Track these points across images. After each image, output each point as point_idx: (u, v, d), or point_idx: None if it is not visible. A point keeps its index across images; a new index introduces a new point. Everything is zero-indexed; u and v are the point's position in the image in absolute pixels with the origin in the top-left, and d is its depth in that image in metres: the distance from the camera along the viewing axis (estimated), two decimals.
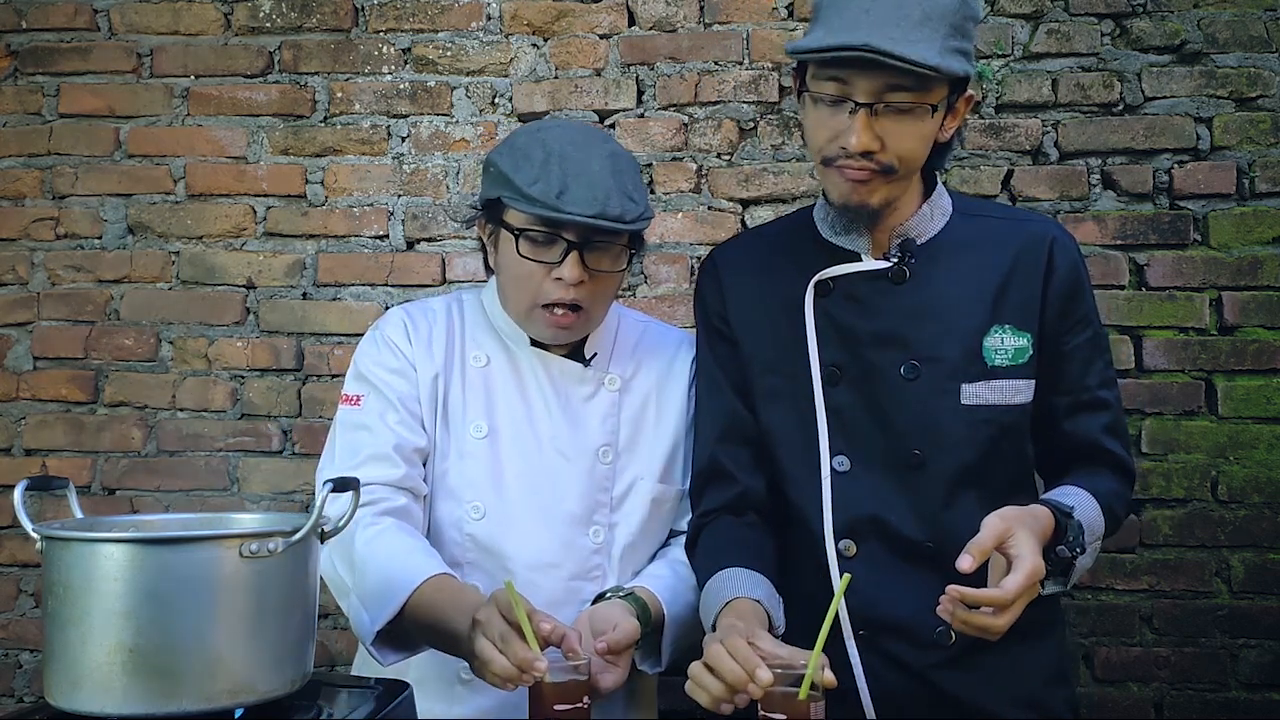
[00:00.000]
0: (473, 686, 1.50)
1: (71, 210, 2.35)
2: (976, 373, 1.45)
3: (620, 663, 1.40)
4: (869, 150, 1.36)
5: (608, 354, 1.65)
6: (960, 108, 1.44)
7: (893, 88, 1.34)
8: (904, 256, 1.47)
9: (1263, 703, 2.08)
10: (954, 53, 1.34)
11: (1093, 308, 1.53)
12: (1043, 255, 1.47)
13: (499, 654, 1.26)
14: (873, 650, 1.44)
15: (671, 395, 1.65)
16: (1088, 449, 1.51)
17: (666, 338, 1.73)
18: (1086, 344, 1.50)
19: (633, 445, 1.61)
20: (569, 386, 1.60)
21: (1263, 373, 2.14)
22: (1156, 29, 2.20)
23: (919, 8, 1.32)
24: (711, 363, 1.60)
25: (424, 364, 1.58)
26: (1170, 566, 2.12)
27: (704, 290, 1.63)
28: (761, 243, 1.65)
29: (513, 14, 2.31)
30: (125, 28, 2.37)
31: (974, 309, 1.45)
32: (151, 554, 1.06)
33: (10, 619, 2.29)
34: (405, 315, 1.63)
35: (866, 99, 1.34)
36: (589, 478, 1.57)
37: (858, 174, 1.39)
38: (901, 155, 1.38)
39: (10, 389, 2.32)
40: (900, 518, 1.44)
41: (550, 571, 1.51)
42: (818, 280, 1.50)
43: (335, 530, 1.21)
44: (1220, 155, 2.18)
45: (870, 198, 1.41)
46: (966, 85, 1.41)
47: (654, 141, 2.27)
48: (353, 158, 2.32)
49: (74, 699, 1.06)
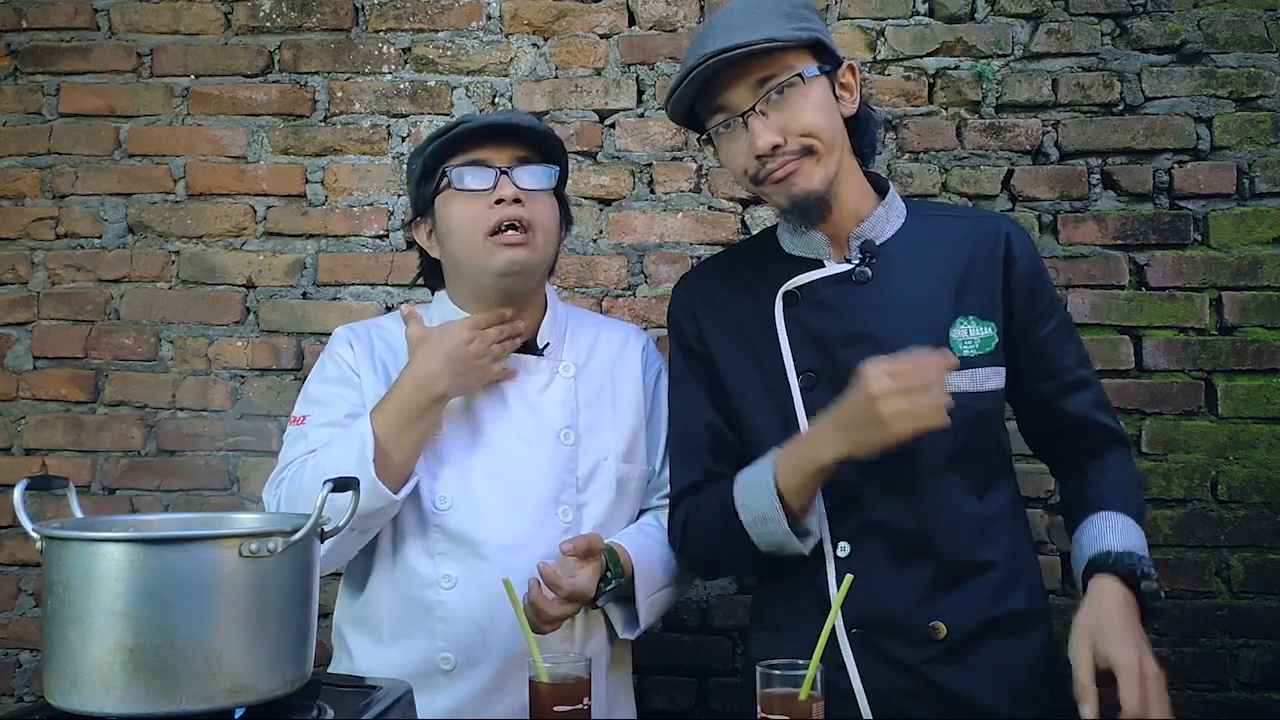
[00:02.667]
0: (454, 675, 1.53)
1: (71, 210, 2.34)
2: None
3: (588, 566, 1.49)
4: (775, 144, 1.44)
5: (560, 344, 1.69)
6: (849, 80, 1.52)
7: (760, 82, 1.44)
8: (865, 257, 1.52)
9: (1263, 703, 2.08)
10: (787, 25, 1.44)
11: (1053, 292, 1.59)
12: (1000, 248, 1.53)
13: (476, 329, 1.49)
14: (867, 648, 1.45)
15: (625, 380, 1.70)
16: (1083, 426, 1.57)
17: (615, 328, 1.79)
18: (1058, 329, 1.56)
19: (594, 428, 1.64)
20: (524, 378, 1.64)
21: (1263, 373, 2.14)
22: (1156, 29, 2.20)
23: (743, 15, 1.45)
24: (691, 385, 1.62)
25: (368, 374, 1.63)
26: (1170, 566, 2.12)
27: (677, 316, 1.66)
28: (727, 264, 1.68)
29: (513, 14, 2.31)
30: (125, 27, 2.37)
31: (937, 303, 1.49)
32: (151, 554, 1.06)
33: (10, 619, 2.29)
34: (349, 331, 1.70)
35: (746, 104, 1.45)
36: (553, 460, 1.60)
37: (783, 170, 1.45)
38: (806, 131, 1.45)
39: (10, 388, 2.32)
40: (887, 511, 1.47)
41: (523, 552, 1.52)
42: (785, 291, 1.53)
43: (335, 530, 1.22)
44: (1220, 155, 2.18)
45: (809, 182, 1.46)
46: (838, 60, 1.51)
47: (654, 141, 2.27)
48: (353, 157, 2.32)
49: (74, 699, 1.06)
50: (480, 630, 1.52)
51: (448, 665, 1.53)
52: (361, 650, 1.60)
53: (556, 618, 1.47)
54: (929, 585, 1.45)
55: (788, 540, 1.45)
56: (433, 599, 1.54)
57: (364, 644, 1.60)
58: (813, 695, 1.19)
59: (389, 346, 1.67)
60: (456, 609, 1.53)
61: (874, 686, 1.43)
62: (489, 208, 1.56)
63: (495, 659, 1.52)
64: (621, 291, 2.26)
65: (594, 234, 2.27)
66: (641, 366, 1.72)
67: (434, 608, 1.54)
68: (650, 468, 1.70)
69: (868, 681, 1.43)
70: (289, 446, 1.62)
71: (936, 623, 1.44)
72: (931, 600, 1.45)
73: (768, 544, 1.48)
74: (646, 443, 1.70)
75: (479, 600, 1.51)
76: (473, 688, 1.53)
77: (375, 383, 1.62)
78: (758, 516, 1.46)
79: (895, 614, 1.45)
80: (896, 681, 1.44)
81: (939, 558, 1.46)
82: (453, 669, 1.53)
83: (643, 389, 1.71)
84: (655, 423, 1.71)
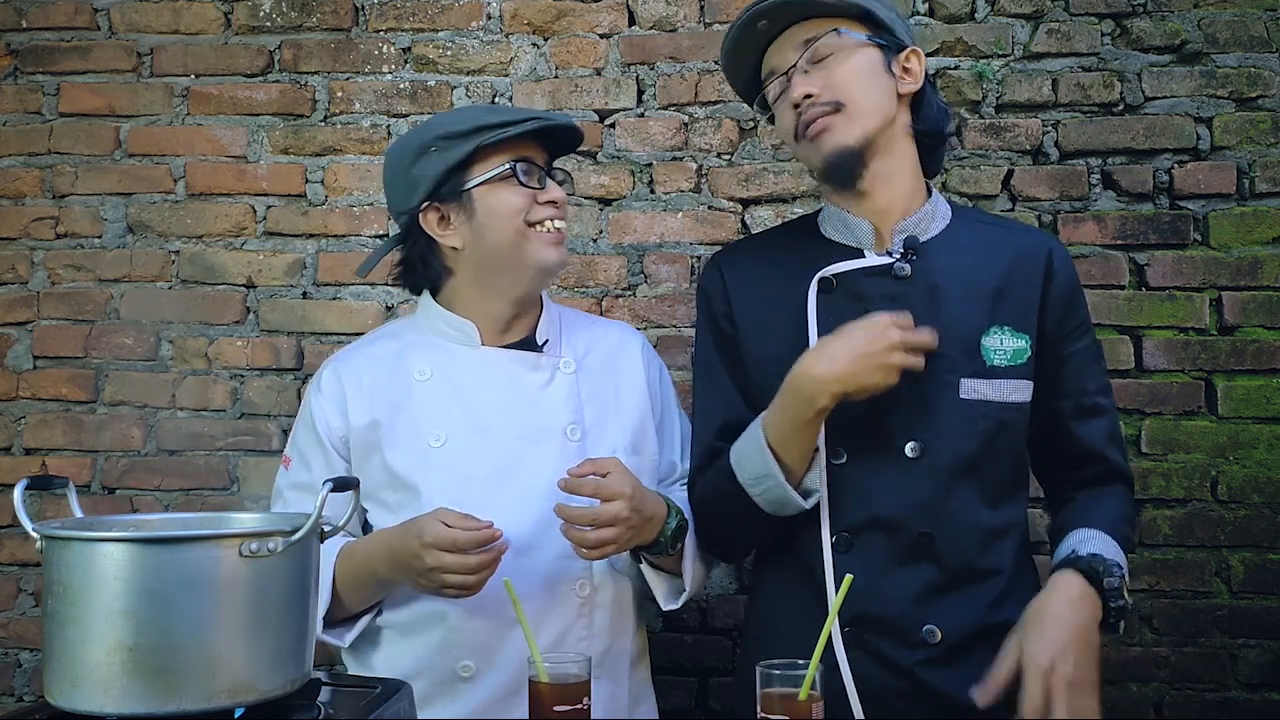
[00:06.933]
0: (473, 680, 1.51)
1: (71, 209, 2.34)
2: (975, 369, 1.47)
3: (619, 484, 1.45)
4: (809, 93, 1.47)
5: (558, 341, 1.68)
6: (913, 64, 1.53)
7: (805, 43, 1.50)
8: (907, 252, 1.50)
9: (1262, 703, 2.08)
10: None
11: (1088, 317, 1.58)
12: (1041, 262, 1.52)
13: (453, 557, 1.38)
14: (860, 647, 1.44)
15: (626, 375, 1.69)
16: (1091, 457, 1.55)
17: (608, 325, 1.80)
18: (1085, 350, 1.55)
19: (600, 423, 1.63)
20: (524, 376, 1.62)
21: (1263, 373, 2.13)
22: (1157, 29, 2.20)
23: None
24: (713, 361, 1.61)
25: (356, 407, 1.61)
26: (1170, 566, 2.12)
27: (709, 291, 1.64)
28: (764, 245, 1.68)
29: (513, 13, 2.31)
30: (125, 27, 2.37)
31: (973, 308, 1.48)
32: (151, 553, 1.06)
33: (10, 618, 2.29)
34: (332, 369, 1.67)
35: (790, 63, 1.50)
36: (560, 456, 1.57)
37: (818, 124, 1.48)
38: (840, 89, 1.48)
39: (10, 388, 2.32)
40: (896, 510, 1.46)
41: (533, 554, 1.51)
42: (821, 277, 1.52)
43: (335, 530, 1.22)
44: (1220, 155, 2.18)
45: (842, 136, 1.48)
46: (900, 42, 1.53)
47: (654, 141, 2.27)
48: (353, 157, 2.32)
49: (73, 698, 1.06)
50: (494, 635, 1.51)
51: (467, 673, 1.51)
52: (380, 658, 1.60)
53: (604, 540, 1.43)
54: (928, 588, 1.45)
55: (787, 496, 1.45)
56: (445, 606, 1.52)
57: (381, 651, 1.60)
58: (812, 695, 1.19)
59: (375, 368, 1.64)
60: (469, 615, 1.51)
61: (866, 686, 1.43)
62: (536, 204, 1.58)
63: (510, 664, 1.50)
64: (621, 291, 2.26)
65: (594, 234, 2.27)
66: (643, 363, 1.72)
67: (446, 615, 1.52)
68: (670, 460, 1.70)
69: (860, 681, 1.43)
70: (276, 490, 1.67)
71: (932, 627, 1.43)
72: (929, 603, 1.44)
73: (769, 501, 1.46)
74: (665, 437, 1.70)
75: (492, 605, 1.47)
76: (489, 694, 1.51)
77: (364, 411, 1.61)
78: (755, 476, 1.45)
79: (891, 614, 1.44)
80: (889, 682, 1.43)
81: (941, 562, 1.45)
82: (472, 675, 1.51)
83: (646, 385, 1.70)
84: (670, 419, 1.72)
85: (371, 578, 1.53)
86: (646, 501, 1.48)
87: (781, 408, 1.44)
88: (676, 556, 1.56)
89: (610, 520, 1.42)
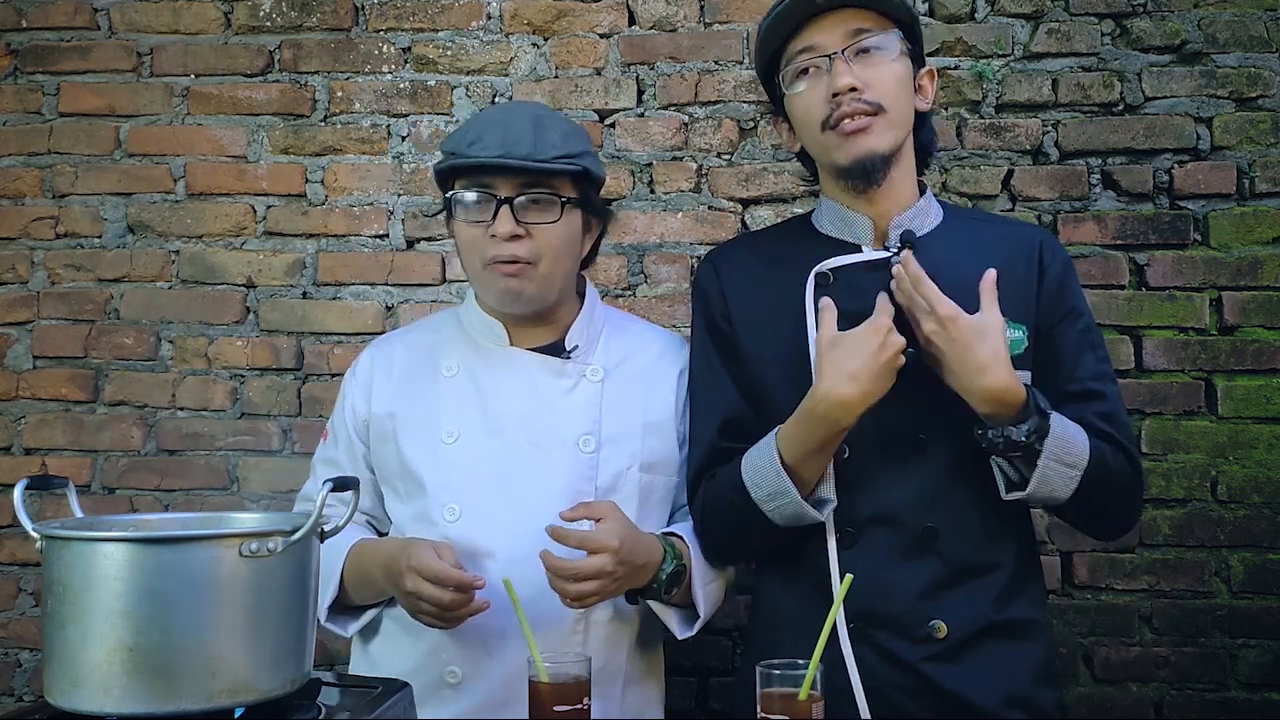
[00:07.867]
0: (459, 688, 1.51)
1: (71, 209, 2.34)
2: None
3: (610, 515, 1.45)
4: (853, 86, 1.45)
5: (591, 347, 1.65)
6: (926, 84, 1.56)
7: (855, 32, 1.47)
8: (903, 245, 1.50)
9: (1262, 703, 2.08)
10: None
11: (1084, 303, 1.58)
12: (1035, 254, 1.54)
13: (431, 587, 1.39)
14: (865, 643, 1.44)
15: (659, 389, 1.66)
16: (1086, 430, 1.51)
17: (655, 335, 1.75)
18: (1078, 336, 1.54)
19: (619, 435, 1.60)
20: (547, 380, 1.61)
21: (1263, 373, 2.14)
22: (1156, 29, 2.20)
23: None
24: (711, 359, 1.61)
25: (381, 393, 1.66)
26: (1170, 566, 2.12)
27: (705, 289, 1.64)
28: (760, 242, 1.68)
29: (513, 13, 2.31)
30: (125, 27, 2.37)
31: (970, 299, 1.48)
32: (151, 553, 1.06)
33: (10, 618, 2.29)
34: (369, 353, 1.73)
35: (835, 46, 1.47)
36: (570, 467, 1.56)
37: (857, 123, 1.46)
38: (882, 92, 1.47)
39: (10, 388, 2.32)
40: (900, 504, 1.46)
41: (534, 565, 1.47)
42: (818, 272, 1.52)
43: (335, 530, 1.22)
44: (1220, 155, 2.17)
45: (879, 141, 1.47)
46: (922, 58, 1.55)
47: (654, 141, 2.27)
48: (353, 157, 2.32)
49: (73, 698, 1.06)
50: (485, 644, 1.50)
51: (454, 680, 1.51)
52: (380, 651, 1.61)
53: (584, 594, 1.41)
54: (933, 583, 1.45)
55: (803, 512, 1.45)
56: None
57: (383, 644, 1.61)
58: (812, 695, 1.19)
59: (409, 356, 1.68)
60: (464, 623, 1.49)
61: (871, 682, 1.43)
62: (487, 237, 1.53)
63: (501, 673, 1.50)
64: (621, 291, 2.26)
65: None
66: (677, 377, 1.67)
67: None
68: (679, 479, 1.65)
69: (865, 678, 1.42)
70: (313, 460, 1.75)
71: (937, 622, 1.43)
72: (934, 598, 1.44)
73: (784, 517, 1.46)
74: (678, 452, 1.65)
75: (483, 615, 1.46)
76: (477, 701, 1.51)
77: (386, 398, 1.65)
78: (770, 493, 1.45)
79: (896, 609, 1.44)
80: (893, 677, 1.43)
81: (946, 557, 1.45)
82: (459, 682, 1.51)
83: (675, 400, 1.66)
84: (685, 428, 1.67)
85: (370, 580, 1.55)
86: (638, 551, 1.45)
87: (802, 430, 1.43)
88: (684, 589, 1.54)
89: (593, 574, 1.40)
